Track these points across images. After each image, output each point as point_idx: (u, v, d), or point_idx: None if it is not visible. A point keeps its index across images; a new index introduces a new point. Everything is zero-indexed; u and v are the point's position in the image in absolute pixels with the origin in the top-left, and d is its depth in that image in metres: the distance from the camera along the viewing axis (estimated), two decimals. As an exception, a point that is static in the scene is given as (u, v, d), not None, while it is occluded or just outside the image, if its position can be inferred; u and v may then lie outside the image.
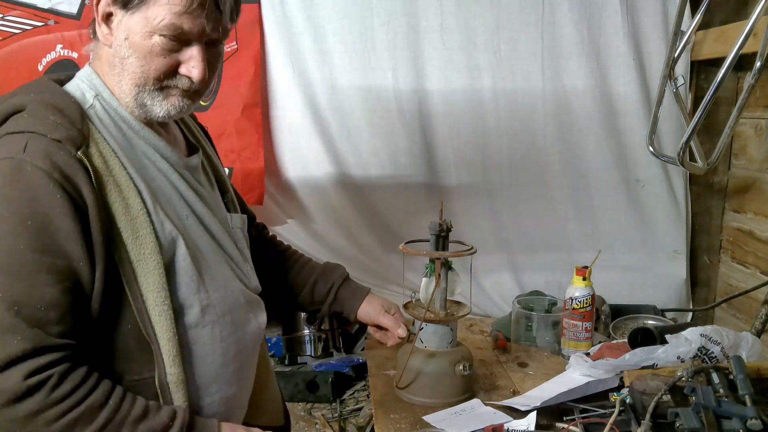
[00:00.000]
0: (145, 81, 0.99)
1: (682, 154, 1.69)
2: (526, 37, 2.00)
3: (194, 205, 1.09)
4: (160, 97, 1.01)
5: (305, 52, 1.99)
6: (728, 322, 2.01)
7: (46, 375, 0.89)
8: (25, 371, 0.88)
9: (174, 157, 1.08)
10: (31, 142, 0.90)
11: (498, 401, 1.41)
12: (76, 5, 1.98)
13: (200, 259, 1.06)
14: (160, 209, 1.01)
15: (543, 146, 2.08)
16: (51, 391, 0.89)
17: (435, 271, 1.44)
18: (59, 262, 0.90)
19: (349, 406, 2.23)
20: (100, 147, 0.96)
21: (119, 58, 0.99)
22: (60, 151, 0.90)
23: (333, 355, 2.39)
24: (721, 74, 1.54)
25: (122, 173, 0.97)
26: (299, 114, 2.03)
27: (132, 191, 0.97)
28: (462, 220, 2.11)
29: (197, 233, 1.07)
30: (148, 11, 0.95)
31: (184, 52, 0.99)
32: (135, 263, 0.96)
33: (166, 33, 0.95)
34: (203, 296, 1.04)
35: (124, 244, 0.95)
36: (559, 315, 1.74)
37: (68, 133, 0.92)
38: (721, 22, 1.91)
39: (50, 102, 0.96)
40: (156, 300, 0.97)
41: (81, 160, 0.92)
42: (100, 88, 1.02)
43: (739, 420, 1.09)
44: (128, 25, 0.97)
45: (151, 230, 0.97)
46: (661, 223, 2.11)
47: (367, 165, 2.10)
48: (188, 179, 1.10)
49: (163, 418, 0.97)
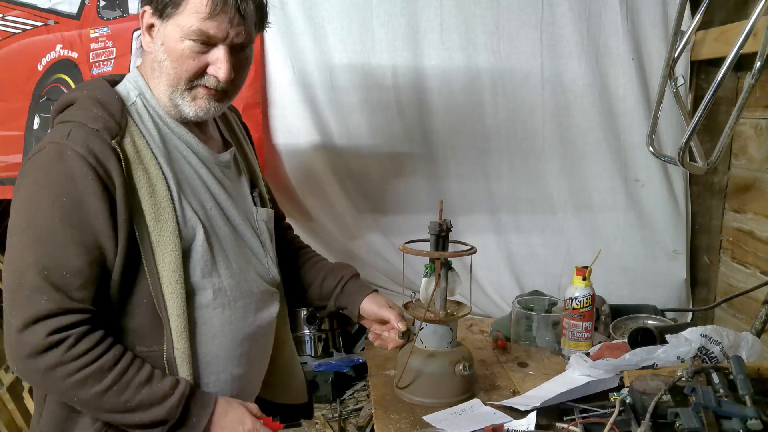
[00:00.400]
0: (177, 81, 1.12)
1: (682, 154, 1.69)
2: (525, 37, 2.00)
3: (219, 197, 1.20)
4: (188, 98, 1.14)
5: (305, 52, 1.99)
6: (728, 322, 2.01)
7: (65, 334, 1.02)
8: (48, 329, 1.01)
9: (205, 153, 1.20)
10: (74, 130, 1.05)
11: (498, 401, 1.41)
12: (76, 5, 1.99)
13: (218, 247, 1.16)
14: (184, 198, 1.13)
15: (543, 146, 2.08)
16: (68, 349, 1.02)
17: (435, 271, 1.44)
18: (87, 237, 1.03)
19: (349, 406, 2.23)
20: (134, 138, 1.09)
21: (158, 62, 1.12)
22: (97, 139, 1.04)
23: (333, 355, 2.39)
24: (721, 74, 1.54)
25: (152, 162, 1.10)
26: (299, 114, 2.03)
27: (159, 179, 1.09)
28: (462, 220, 2.12)
29: (218, 223, 1.18)
30: (179, 19, 1.08)
31: (211, 54, 1.11)
32: (155, 243, 1.07)
33: (194, 37, 1.08)
34: (216, 281, 1.15)
35: (146, 225, 1.07)
36: (559, 315, 1.74)
37: (106, 124, 1.06)
38: (721, 22, 1.91)
39: (97, 97, 1.10)
40: (170, 278, 1.08)
41: (114, 148, 1.05)
42: (144, 88, 1.16)
43: (739, 420, 1.09)
44: (164, 32, 1.11)
45: (173, 215, 1.09)
46: (660, 223, 2.10)
47: (368, 165, 2.10)
48: (216, 174, 1.21)
49: (165, 385, 1.08)
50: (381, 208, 2.15)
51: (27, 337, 1.01)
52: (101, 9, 1.96)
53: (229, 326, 1.18)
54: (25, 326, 1.01)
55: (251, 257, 1.25)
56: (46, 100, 1.97)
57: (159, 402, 1.07)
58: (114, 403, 1.05)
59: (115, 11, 1.96)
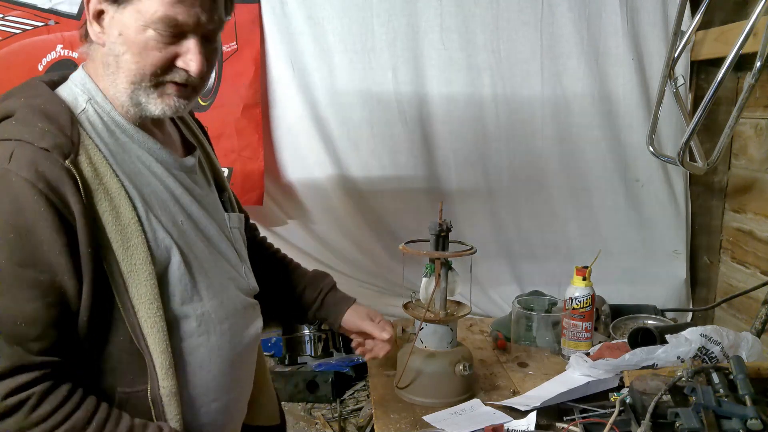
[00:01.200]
0: (141, 77, 0.95)
1: (682, 154, 1.69)
2: (525, 38, 2.00)
3: (189, 209, 1.06)
4: (155, 95, 0.97)
5: (305, 52, 1.99)
6: (728, 322, 2.01)
7: (26, 395, 0.87)
8: (4, 391, 0.86)
9: (169, 159, 1.05)
10: (18, 151, 0.87)
11: (498, 401, 1.41)
12: (76, 5, 1.98)
13: (195, 266, 1.02)
14: (153, 217, 0.98)
15: (542, 146, 2.08)
16: (31, 411, 0.87)
17: (435, 271, 1.44)
18: (42, 276, 0.87)
19: (349, 406, 2.23)
20: (90, 154, 0.93)
21: (113, 55, 0.95)
22: (47, 161, 0.87)
23: (333, 355, 2.39)
24: (721, 74, 1.54)
25: (113, 181, 0.94)
26: (299, 114, 2.03)
27: (123, 199, 0.94)
28: (462, 221, 2.12)
29: (192, 239, 1.04)
30: (141, 4, 0.91)
31: (180, 45, 0.95)
32: (126, 274, 0.92)
33: (159, 26, 0.92)
34: (198, 305, 1.02)
35: (114, 254, 0.92)
36: (559, 315, 1.74)
37: (56, 141, 0.89)
38: (721, 22, 1.91)
39: (40, 107, 0.93)
40: (148, 312, 0.94)
41: (69, 169, 0.88)
42: (94, 91, 0.99)
43: (739, 420, 1.09)
44: (121, 20, 0.93)
45: (143, 240, 0.94)
46: (660, 223, 2.11)
47: (367, 165, 2.10)
48: (183, 181, 1.07)
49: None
50: (381, 209, 2.15)
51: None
52: (101, 9, 1.96)
53: (217, 352, 1.05)
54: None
55: (230, 270, 1.12)
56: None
57: None
58: None
59: (115, 11, 1.96)
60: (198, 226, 1.07)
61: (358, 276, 2.22)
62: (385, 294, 2.19)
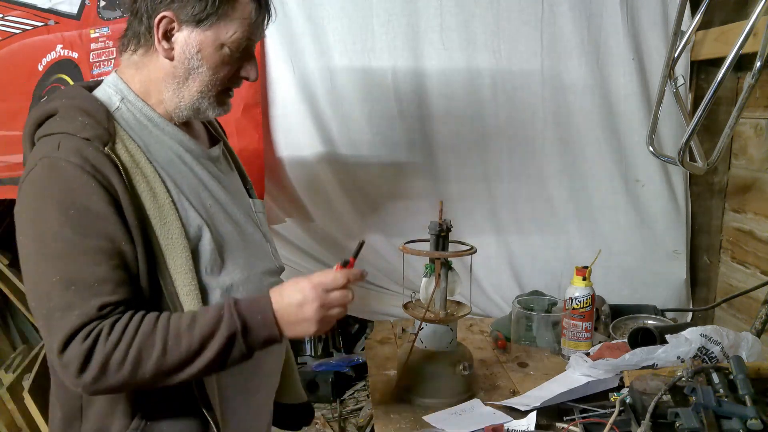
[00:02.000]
0: (211, 88, 1.12)
1: (682, 154, 1.69)
2: (525, 37, 2.00)
3: (217, 194, 1.17)
4: (215, 101, 1.14)
5: (305, 52, 1.99)
6: (728, 322, 2.01)
7: (96, 331, 0.97)
8: (83, 337, 0.97)
9: (197, 149, 1.17)
10: (63, 141, 1.01)
11: (498, 401, 1.41)
12: (76, 5, 1.98)
13: (223, 244, 1.13)
14: (184, 199, 1.10)
15: (542, 146, 2.08)
16: (105, 341, 0.97)
17: (435, 271, 1.44)
18: (103, 244, 0.99)
19: (349, 406, 2.23)
20: (126, 143, 1.06)
21: (187, 68, 1.10)
22: (89, 148, 1.01)
23: (333, 355, 2.40)
24: (721, 74, 1.54)
25: (148, 166, 1.06)
26: (299, 114, 2.03)
27: (158, 182, 1.06)
28: (462, 220, 2.11)
29: (220, 220, 1.15)
30: (221, 26, 1.08)
31: (244, 59, 1.13)
32: (164, 247, 1.04)
33: (235, 45, 1.09)
34: (226, 279, 1.12)
35: (153, 229, 1.04)
36: (559, 315, 1.75)
37: (95, 132, 1.03)
38: (721, 22, 1.91)
39: (79, 106, 1.06)
40: (184, 281, 1.05)
41: (108, 155, 1.01)
42: (126, 92, 1.12)
43: (739, 420, 1.09)
44: (200, 39, 1.08)
45: (177, 217, 1.06)
46: (660, 223, 2.10)
47: (368, 165, 2.10)
48: (210, 169, 1.19)
49: (211, 312, 1.02)
50: (381, 209, 2.15)
51: (67, 356, 0.97)
52: (101, 9, 1.96)
53: None
54: (64, 346, 0.97)
55: (256, 250, 1.22)
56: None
57: (216, 324, 1.01)
58: (179, 354, 0.99)
59: (115, 11, 1.95)
60: (225, 209, 1.18)
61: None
62: (384, 294, 2.19)
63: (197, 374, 1.02)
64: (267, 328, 1.03)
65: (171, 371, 1.00)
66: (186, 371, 1.01)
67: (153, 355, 0.98)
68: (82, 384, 0.98)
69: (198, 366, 1.00)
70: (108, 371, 0.97)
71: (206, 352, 1.00)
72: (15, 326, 2.75)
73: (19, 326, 2.76)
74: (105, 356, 0.97)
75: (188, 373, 1.01)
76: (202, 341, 1.00)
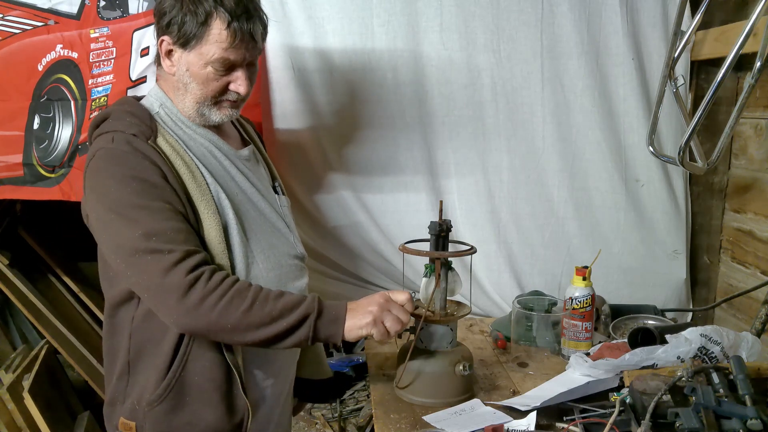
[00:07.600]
0: (204, 99, 1.29)
1: (682, 154, 1.69)
2: (525, 38, 2.00)
3: (244, 187, 1.35)
4: (215, 109, 1.31)
5: (305, 52, 1.99)
6: (728, 322, 2.01)
7: (200, 271, 1.15)
8: (185, 270, 1.14)
9: (227, 148, 1.36)
10: (116, 136, 1.22)
11: (498, 401, 1.41)
12: (76, 5, 1.98)
13: (248, 227, 1.30)
14: (216, 183, 1.28)
15: (542, 146, 2.08)
16: (206, 282, 1.15)
17: (435, 271, 1.44)
18: (168, 206, 1.18)
19: (349, 406, 2.23)
20: (166, 137, 1.26)
21: (183, 83, 1.29)
22: (137, 139, 1.22)
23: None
24: (721, 74, 1.54)
25: (186, 155, 1.26)
26: (300, 114, 2.03)
27: (195, 167, 1.26)
28: (462, 220, 2.12)
29: (246, 207, 1.33)
30: (202, 49, 1.24)
31: (231, 74, 1.28)
32: (203, 220, 1.23)
33: (217, 64, 1.25)
34: (249, 255, 1.28)
35: (195, 203, 1.23)
36: (559, 315, 1.75)
37: (140, 129, 1.24)
38: (721, 22, 1.91)
39: (127, 109, 1.28)
40: (216, 250, 1.23)
41: (152, 146, 1.22)
42: (164, 99, 1.33)
43: (739, 420, 1.09)
44: (188, 59, 1.27)
45: (211, 196, 1.25)
46: (660, 223, 2.10)
47: (368, 165, 2.10)
48: (239, 166, 1.36)
49: (298, 295, 1.22)
50: (382, 209, 2.15)
51: (170, 280, 1.13)
52: (101, 9, 1.96)
53: None
54: (166, 272, 1.13)
55: (279, 236, 1.38)
56: (46, 100, 1.96)
57: (297, 304, 1.19)
58: (261, 315, 1.15)
59: (115, 11, 1.95)
60: (251, 199, 1.35)
61: (358, 276, 2.22)
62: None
63: (265, 341, 1.18)
64: (334, 324, 1.21)
65: (248, 328, 1.16)
66: (258, 333, 1.16)
67: (240, 308, 1.14)
68: (183, 308, 1.13)
69: (269, 332, 1.17)
70: (202, 308, 1.13)
71: (282, 321, 1.16)
72: (15, 326, 2.75)
73: (19, 326, 2.76)
74: (204, 293, 1.13)
75: (259, 336, 1.17)
76: (282, 311, 1.17)
